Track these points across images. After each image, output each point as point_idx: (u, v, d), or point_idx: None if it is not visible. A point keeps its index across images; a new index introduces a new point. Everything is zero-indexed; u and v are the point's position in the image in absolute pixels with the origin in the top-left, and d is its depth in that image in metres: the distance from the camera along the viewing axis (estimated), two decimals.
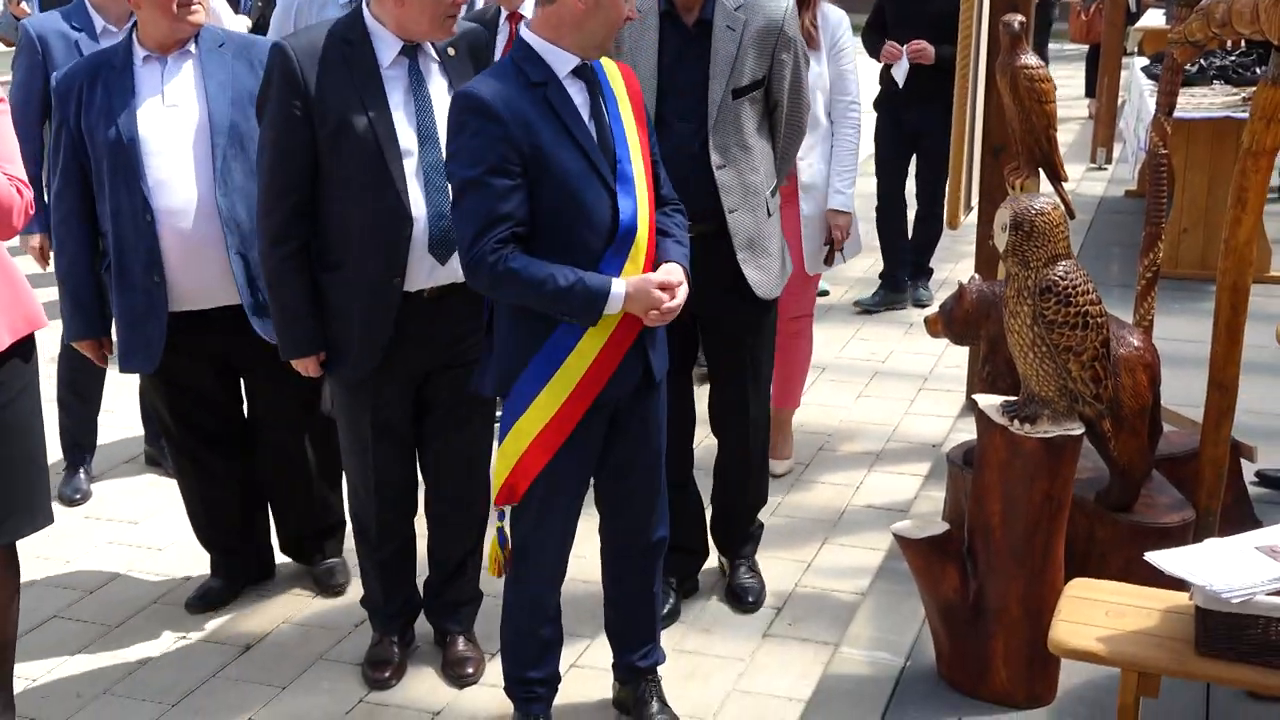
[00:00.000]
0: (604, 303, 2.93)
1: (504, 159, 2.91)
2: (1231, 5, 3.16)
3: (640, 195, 3.03)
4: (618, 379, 3.08)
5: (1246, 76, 7.60)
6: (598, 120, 3.03)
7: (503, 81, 2.97)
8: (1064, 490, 3.07)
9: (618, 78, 3.13)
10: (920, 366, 6.19)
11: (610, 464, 3.25)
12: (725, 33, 3.66)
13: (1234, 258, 3.22)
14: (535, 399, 3.05)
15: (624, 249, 3.00)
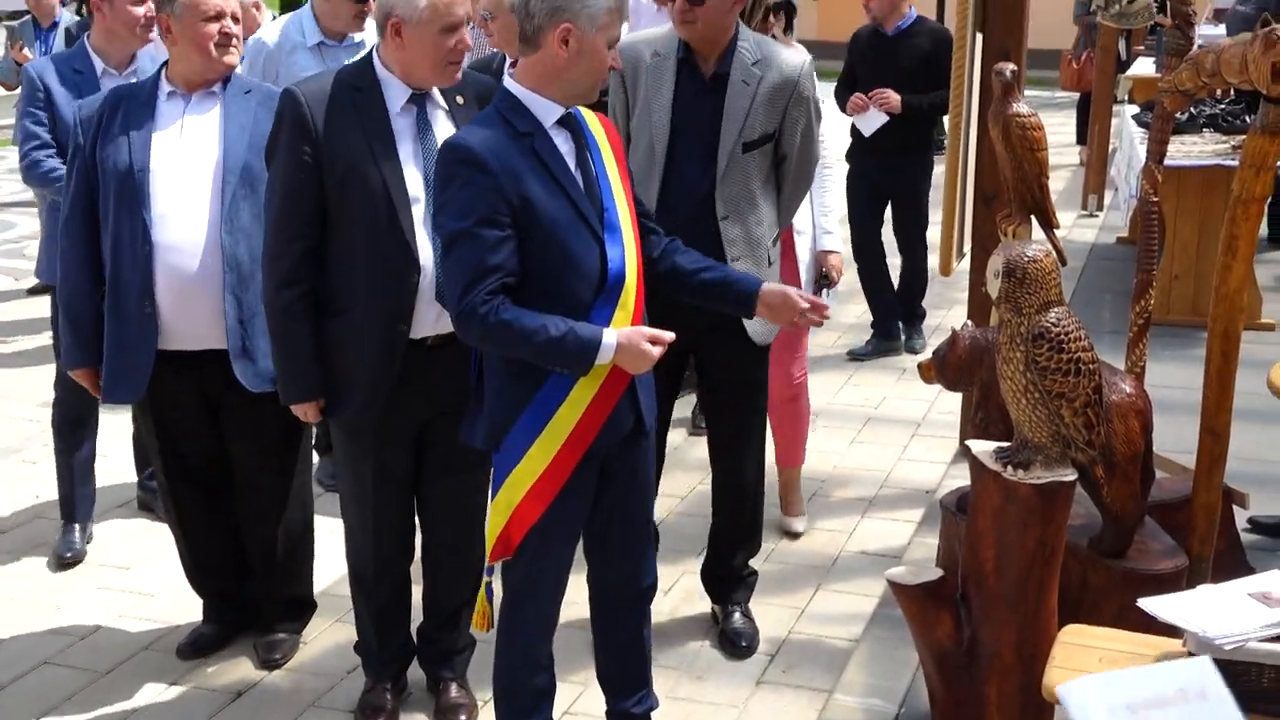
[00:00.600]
0: (595, 353, 2.93)
1: (494, 210, 2.92)
2: (1221, 55, 3.19)
3: (628, 243, 3.05)
4: (610, 427, 3.08)
5: (1236, 125, 7.66)
6: (583, 169, 3.05)
7: (491, 132, 2.99)
8: (1057, 536, 3.07)
9: (598, 126, 3.16)
10: (914, 412, 6.20)
11: (599, 512, 3.25)
12: (740, 87, 3.72)
13: (1225, 305, 3.23)
14: (528, 451, 3.04)
15: (613, 297, 3.01)
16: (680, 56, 3.76)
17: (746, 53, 3.76)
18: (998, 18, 5.04)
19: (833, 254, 4.72)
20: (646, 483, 3.30)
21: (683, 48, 3.76)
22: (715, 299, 3.25)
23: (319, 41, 5.04)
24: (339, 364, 3.43)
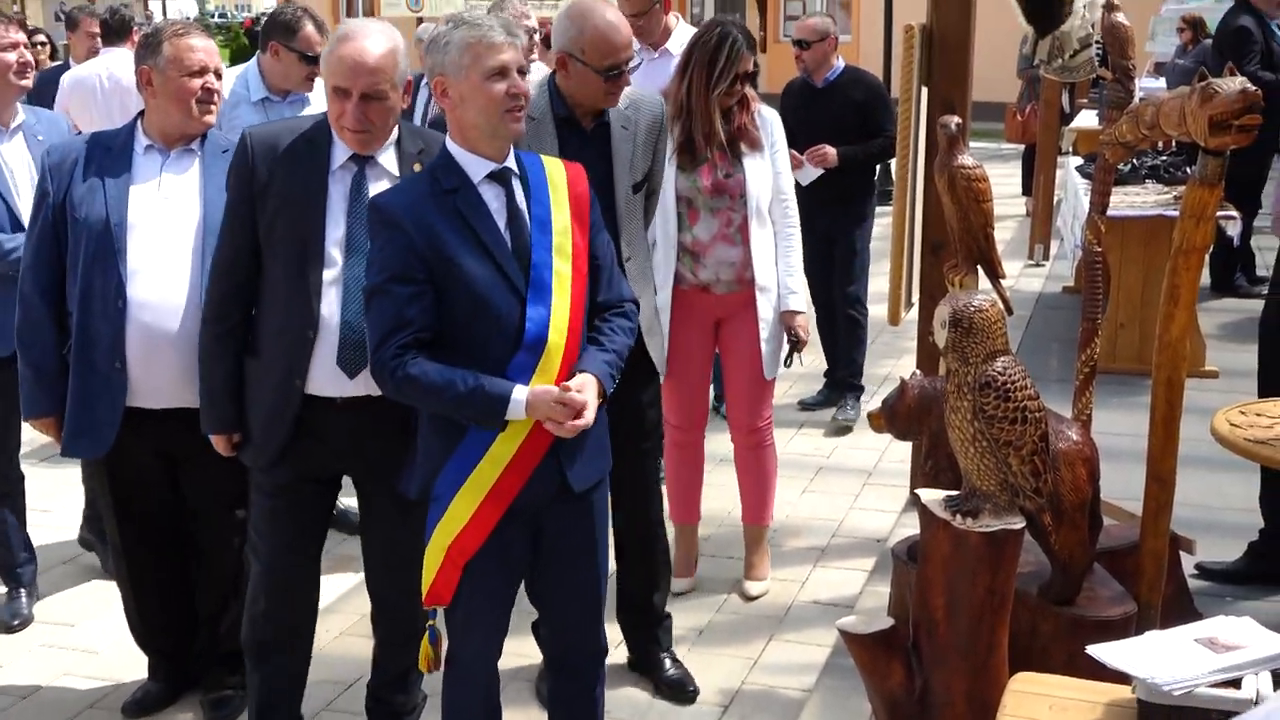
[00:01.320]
0: (504, 408, 2.93)
1: (407, 266, 2.96)
2: (1160, 108, 3.25)
3: (557, 303, 3.03)
4: (532, 486, 3.06)
5: (1177, 176, 7.79)
6: (514, 225, 3.04)
7: (413, 189, 3.06)
8: (1007, 584, 3.08)
9: (559, 180, 3.15)
10: (864, 462, 6.23)
11: (541, 575, 3.25)
12: (621, 132, 3.84)
13: (1169, 353, 3.27)
14: (451, 502, 3.05)
15: (533, 356, 3.00)
16: (560, 114, 3.80)
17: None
18: (943, 72, 5.11)
19: (799, 314, 4.68)
20: (590, 547, 3.26)
21: (559, 105, 3.81)
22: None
23: (264, 97, 5.04)
24: (248, 403, 3.46)
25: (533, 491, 3.07)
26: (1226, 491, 5.29)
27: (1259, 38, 8.51)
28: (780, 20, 26.26)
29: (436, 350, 2.98)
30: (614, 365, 3.13)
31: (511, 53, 3.01)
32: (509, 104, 3.00)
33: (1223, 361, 7.10)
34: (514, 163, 3.11)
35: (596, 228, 3.21)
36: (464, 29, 3.01)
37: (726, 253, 4.52)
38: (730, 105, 4.47)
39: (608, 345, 3.15)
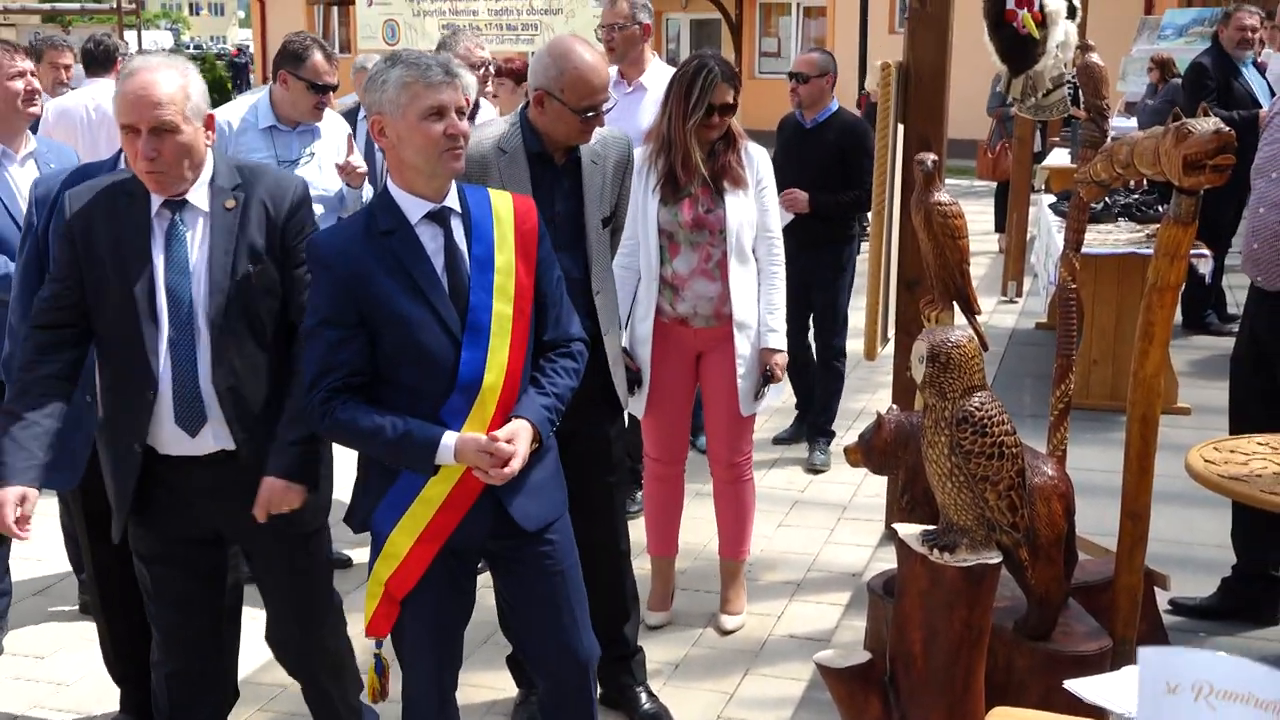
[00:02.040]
0: (433, 454, 2.94)
1: (337, 309, 2.97)
2: (1134, 147, 3.28)
3: (495, 344, 3.01)
4: (467, 526, 3.06)
5: (1149, 214, 7.86)
6: (451, 266, 3.03)
7: (348, 231, 3.06)
8: (983, 618, 3.09)
9: (506, 216, 3.12)
10: (840, 496, 6.24)
11: (514, 618, 3.29)
12: (592, 167, 3.87)
13: (1143, 389, 3.30)
14: (388, 538, 3.06)
15: (467, 399, 2.99)
16: (533, 150, 3.81)
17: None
18: (919, 109, 5.16)
19: (778, 353, 4.70)
20: (557, 582, 3.24)
21: (532, 139, 3.81)
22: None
23: (270, 125, 5.07)
24: (102, 467, 3.37)
25: (468, 531, 3.07)
26: (1199, 527, 5.32)
27: (1215, 76, 8.60)
28: (755, 56, 26.45)
29: (373, 391, 2.99)
30: (552, 410, 3.11)
31: (449, 93, 2.99)
32: (447, 144, 2.98)
33: (1195, 398, 7.15)
34: (456, 200, 3.09)
35: (546, 264, 3.19)
36: (400, 67, 3.00)
37: (705, 287, 4.54)
38: (712, 138, 4.49)
39: (548, 388, 3.12)
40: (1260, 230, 4.42)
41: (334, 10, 29.86)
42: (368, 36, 23.22)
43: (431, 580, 3.08)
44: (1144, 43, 15.04)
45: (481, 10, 21.08)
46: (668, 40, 27.04)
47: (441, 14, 21.03)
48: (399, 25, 22.44)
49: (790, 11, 26.36)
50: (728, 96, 4.47)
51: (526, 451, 3.00)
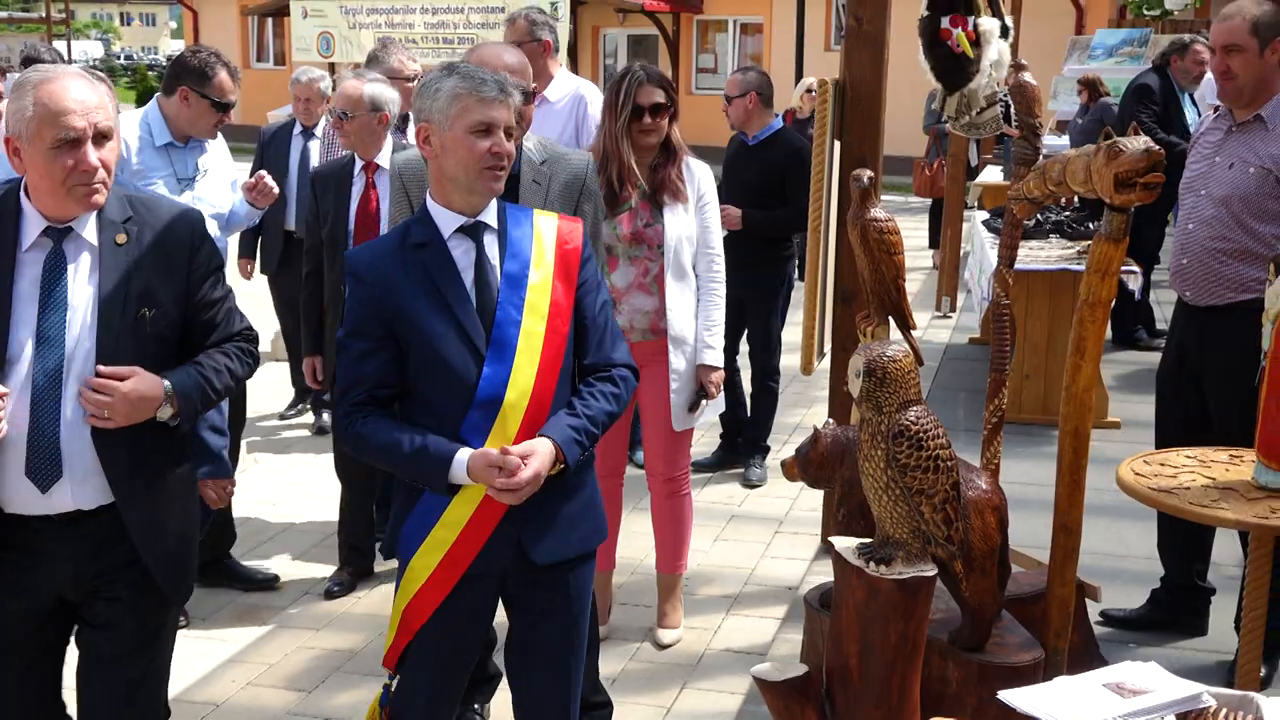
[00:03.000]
0: (447, 470, 2.90)
1: (364, 322, 2.95)
2: (1067, 165, 3.33)
3: (520, 362, 2.96)
4: (488, 552, 3.01)
5: (1080, 231, 7.98)
6: (480, 281, 2.99)
7: (382, 244, 3.03)
8: (919, 630, 3.12)
9: (547, 236, 3.08)
10: (776, 510, 6.27)
11: (511, 651, 3.21)
12: (532, 187, 3.76)
13: (1075, 404, 3.34)
14: (409, 563, 3.03)
15: (487, 416, 2.95)
16: None
17: (533, 153, 3.79)
18: (855, 126, 5.20)
19: (715, 370, 4.73)
20: (562, 624, 3.17)
21: None
22: None
23: (168, 142, 4.95)
24: None
25: (489, 558, 3.02)
26: (1129, 540, 5.40)
27: (1159, 98, 8.76)
28: (692, 73, 26.55)
29: (399, 405, 2.98)
30: (583, 432, 3.01)
31: (501, 111, 2.95)
32: (490, 162, 2.95)
33: (1124, 412, 7.26)
34: (494, 216, 3.05)
35: (589, 287, 3.13)
36: (455, 78, 2.95)
37: (642, 301, 4.55)
38: (650, 143, 4.49)
39: (580, 411, 3.04)
40: (1189, 246, 4.49)
41: (268, 22, 29.63)
42: (302, 49, 23.10)
43: (447, 613, 3.03)
44: (1074, 63, 15.29)
45: (418, 23, 21.03)
46: (604, 55, 27.09)
47: (377, 27, 20.97)
48: (334, 38, 22.33)
49: (727, 28, 26.49)
50: (655, 97, 4.48)
51: (542, 470, 2.90)
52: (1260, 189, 4.27)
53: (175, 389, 2.95)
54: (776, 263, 6.76)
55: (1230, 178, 4.36)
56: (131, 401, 2.86)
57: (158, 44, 76.55)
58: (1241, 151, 4.35)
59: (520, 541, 3.03)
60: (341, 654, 4.84)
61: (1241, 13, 4.34)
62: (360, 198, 5.18)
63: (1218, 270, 4.38)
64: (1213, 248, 4.39)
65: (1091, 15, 21.50)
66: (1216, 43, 4.37)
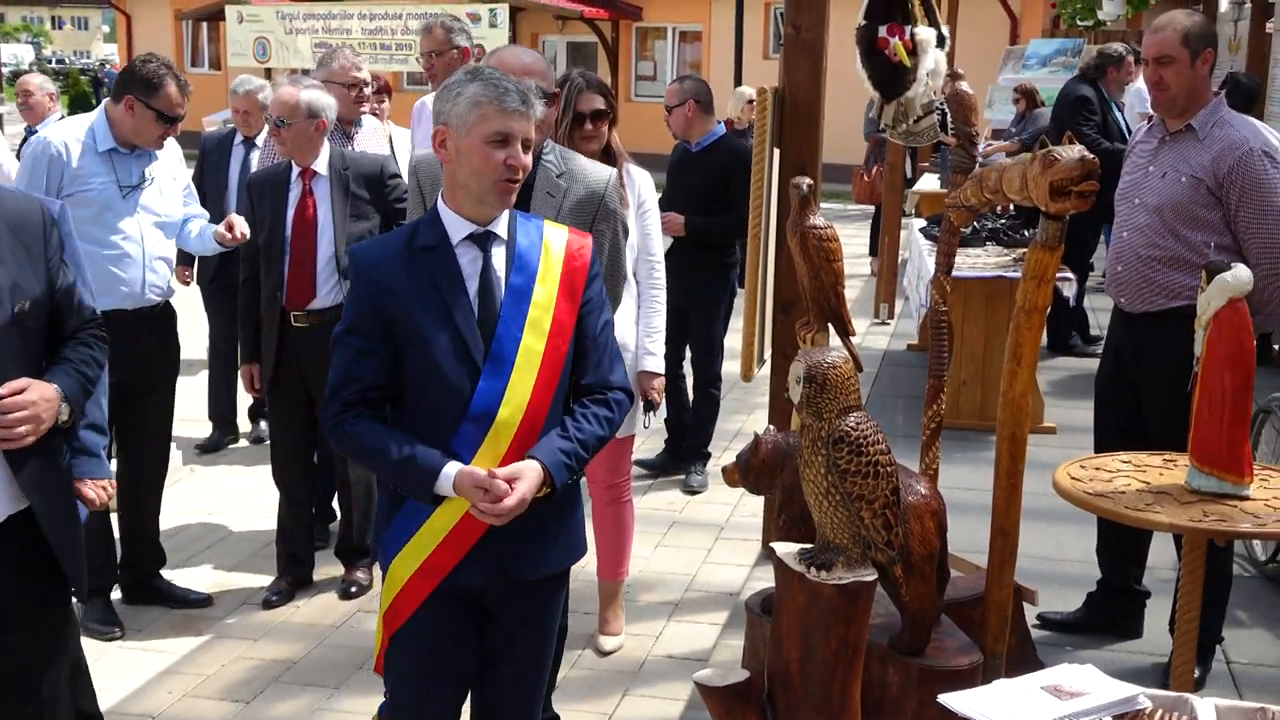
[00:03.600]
0: (433, 482, 2.87)
1: (363, 320, 2.92)
2: (1003, 174, 3.37)
3: (517, 379, 2.92)
4: (467, 566, 2.98)
5: (1016, 238, 8.07)
6: (484, 292, 2.95)
7: (389, 242, 3.01)
8: (859, 635, 3.14)
9: (556, 251, 3.03)
10: (717, 516, 6.28)
11: (486, 665, 3.16)
12: (545, 199, 3.70)
13: (1011, 409, 3.37)
14: (390, 567, 3.01)
15: (480, 429, 2.91)
16: None
17: (551, 165, 3.75)
18: (794, 134, 5.23)
19: (656, 376, 4.72)
20: (538, 640, 3.16)
21: None
22: None
23: (111, 148, 4.90)
24: None
25: (468, 573, 2.99)
26: (1066, 544, 5.46)
27: (1098, 108, 8.91)
28: (632, 80, 26.59)
29: (391, 410, 2.95)
30: (573, 456, 2.98)
31: (520, 122, 2.90)
32: (504, 174, 2.91)
33: (1060, 418, 7.34)
34: (504, 227, 3.01)
35: (593, 305, 3.08)
36: (478, 85, 2.90)
37: None
38: (591, 150, 4.49)
39: (572, 433, 3.00)
40: (1124, 254, 4.55)
41: (203, 26, 29.35)
42: (238, 54, 22.93)
43: (423, 623, 3.00)
44: (1009, 72, 15.45)
45: (355, 29, 20.92)
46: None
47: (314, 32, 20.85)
48: (270, 43, 22.16)
49: (666, 36, 26.56)
50: (595, 103, 4.47)
51: (528, 493, 2.87)
52: (1192, 198, 4.34)
53: (65, 391, 2.95)
54: (719, 269, 6.77)
55: (1163, 187, 4.42)
56: (43, 416, 2.88)
57: (90, 48, 75.59)
58: (1174, 161, 4.42)
59: (501, 557, 3.01)
60: (280, 664, 4.79)
61: (1172, 24, 4.41)
62: (297, 204, 5.14)
63: (1151, 277, 4.45)
64: (1146, 255, 4.46)
65: (1026, 25, 21.75)
66: (1149, 54, 4.43)
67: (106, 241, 4.88)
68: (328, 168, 5.17)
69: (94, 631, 4.93)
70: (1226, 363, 3.48)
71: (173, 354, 5.30)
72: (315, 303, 5.16)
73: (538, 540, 3.05)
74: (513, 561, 3.02)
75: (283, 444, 5.46)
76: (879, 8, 4.89)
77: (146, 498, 5.30)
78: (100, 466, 3.64)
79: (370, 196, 5.20)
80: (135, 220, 4.97)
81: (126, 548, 5.27)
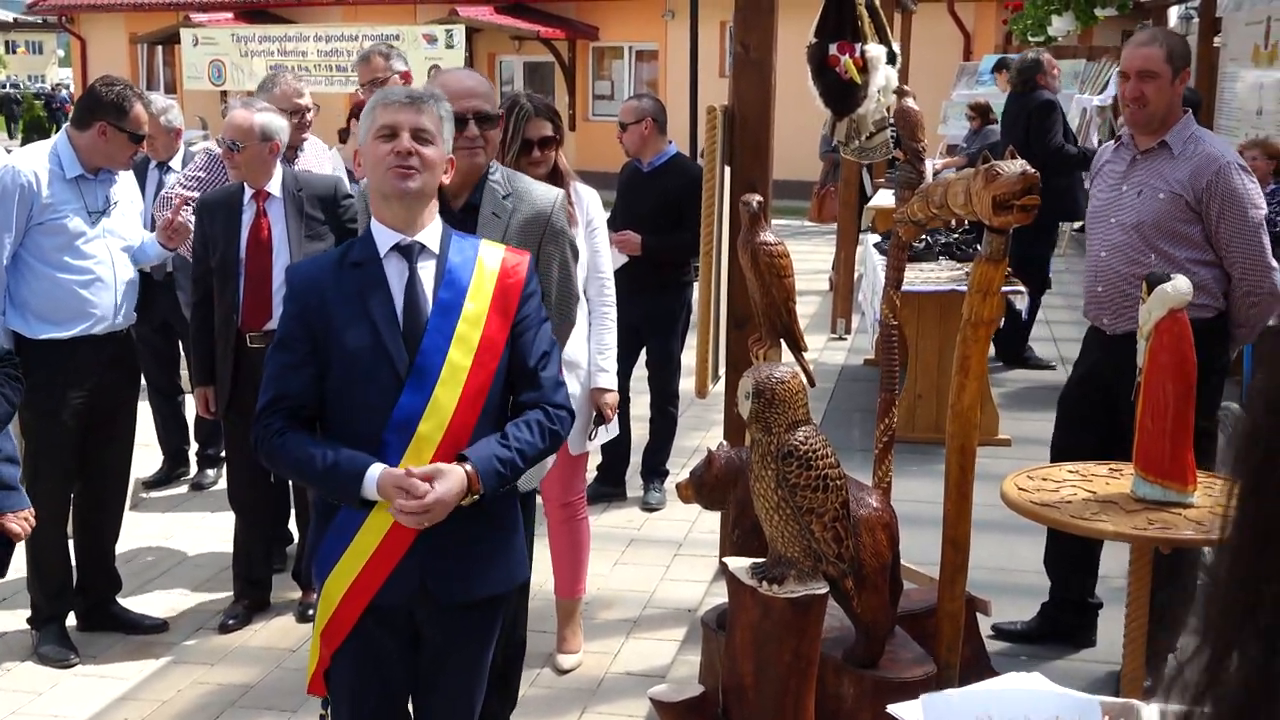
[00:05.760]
0: (359, 485, 2.86)
1: (292, 336, 2.96)
2: (948, 188, 3.41)
3: (440, 394, 2.92)
4: (392, 585, 2.97)
5: (968, 253, 8.14)
6: (410, 305, 2.96)
7: (324, 259, 3.08)
8: (812, 648, 3.16)
9: (491, 268, 3.03)
10: (675, 533, 6.30)
11: (419, 686, 3.16)
12: (491, 219, 3.69)
13: (960, 421, 3.41)
14: (322, 589, 3.02)
15: (403, 441, 2.92)
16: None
17: (498, 186, 3.74)
18: (744, 152, 5.27)
19: (608, 393, 4.74)
20: (470, 665, 3.15)
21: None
22: None
23: (79, 174, 4.89)
24: None
25: (393, 591, 2.98)
26: (1020, 554, 5.50)
27: (1060, 113, 9.05)
28: (589, 99, 26.66)
29: (319, 423, 2.98)
30: (507, 464, 2.95)
31: (407, 114, 2.95)
32: (392, 161, 2.93)
33: (1015, 430, 7.40)
34: (435, 240, 3.02)
35: (528, 324, 3.06)
36: (375, 97, 3.02)
37: None
38: (539, 175, 4.51)
39: (511, 440, 2.98)
40: (1104, 274, 4.56)
41: (158, 49, 29.20)
42: (193, 76, 22.86)
43: (358, 641, 3.00)
44: (963, 88, 15.61)
45: (311, 51, 20.89)
46: (501, 83, 27.06)
47: (269, 54, 20.80)
48: (225, 65, 22.09)
49: (623, 55, 26.64)
50: (544, 130, 4.47)
51: (447, 495, 2.85)
52: (1171, 213, 4.37)
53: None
54: (675, 288, 6.76)
55: (1140, 204, 4.44)
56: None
57: (45, 72, 75.07)
58: (1149, 178, 4.44)
59: (422, 575, 3.00)
60: (237, 689, 4.77)
61: (1158, 40, 4.45)
62: (251, 226, 5.13)
63: (1134, 295, 4.47)
64: (1128, 273, 4.45)
65: (979, 41, 21.96)
66: (1132, 68, 4.42)
67: (79, 268, 4.89)
68: (281, 189, 5.17)
69: (50, 660, 4.90)
70: (1168, 372, 3.53)
71: (136, 378, 5.31)
72: (271, 324, 5.14)
73: (463, 559, 3.03)
74: (436, 580, 3.00)
75: (239, 466, 5.44)
76: (829, 25, 4.95)
77: (107, 522, 5.28)
78: (19, 498, 3.65)
79: (325, 217, 5.20)
80: (105, 245, 4.99)
81: (83, 573, 5.24)
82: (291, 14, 26.20)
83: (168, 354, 7.06)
